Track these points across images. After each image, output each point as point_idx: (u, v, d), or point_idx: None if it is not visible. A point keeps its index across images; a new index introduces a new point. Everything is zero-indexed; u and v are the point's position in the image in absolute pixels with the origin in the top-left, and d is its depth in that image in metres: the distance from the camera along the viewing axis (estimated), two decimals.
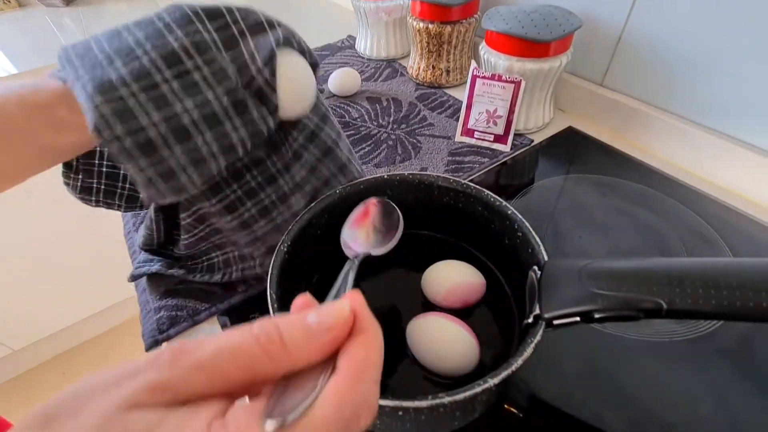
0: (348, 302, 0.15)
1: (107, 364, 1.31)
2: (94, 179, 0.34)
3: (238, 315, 0.39)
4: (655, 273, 0.22)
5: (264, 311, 0.39)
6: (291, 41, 0.29)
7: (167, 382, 0.12)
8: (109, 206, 0.36)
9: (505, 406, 0.32)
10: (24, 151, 0.25)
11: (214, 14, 0.26)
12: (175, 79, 0.24)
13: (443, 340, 0.31)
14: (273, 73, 0.27)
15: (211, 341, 0.13)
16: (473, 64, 0.53)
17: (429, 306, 0.36)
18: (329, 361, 0.14)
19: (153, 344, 0.37)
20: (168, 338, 0.37)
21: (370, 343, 0.14)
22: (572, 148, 0.56)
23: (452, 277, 0.35)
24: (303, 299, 0.16)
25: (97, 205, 0.36)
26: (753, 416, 0.30)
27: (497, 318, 0.35)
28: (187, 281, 0.41)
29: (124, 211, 0.39)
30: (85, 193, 0.34)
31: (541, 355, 0.34)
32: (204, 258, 0.39)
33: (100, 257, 1.11)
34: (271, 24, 0.28)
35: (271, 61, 0.27)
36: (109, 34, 0.25)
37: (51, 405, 0.12)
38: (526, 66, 0.50)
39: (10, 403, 1.22)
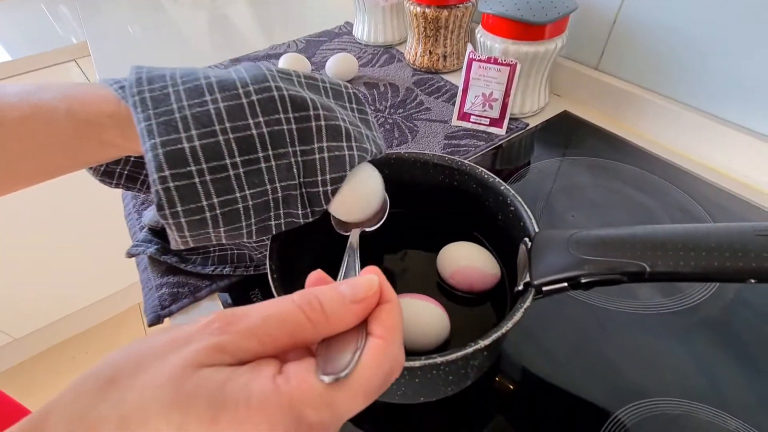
0: (376, 276, 0.17)
1: (109, 351, 1.33)
2: (119, 165, 0.33)
3: (238, 292, 0.40)
4: (638, 239, 0.23)
5: (264, 289, 0.40)
6: (366, 154, 0.28)
7: (225, 345, 0.14)
8: (129, 189, 0.36)
9: (497, 378, 0.34)
10: (62, 161, 0.24)
11: (299, 106, 0.25)
12: (244, 166, 0.24)
13: (410, 318, 0.30)
14: (335, 192, 0.27)
15: (257, 309, 0.15)
16: (469, 47, 0.53)
17: (441, 287, 0.37)
18: (361, 326, 0.16)
19: (155, 319, 0.38)
20: (170, 314, 0.38)
21: (395, 310, 0.16)
22: (567, 132, 0.57)
23: (462, 259, 0.35)
24: (318, 275, 0.18)
25: (116, 187, 0.36)
26: (734, 383, 0.31)
27: (491, 297, 0.36)
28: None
29: (144, 194, 0.39)
30: (107, 176, 0.33)
31: (532, 329, 0.35)
32: (201, 249, 0.40)
33: (101, 244, 1.12)
34: (349, 136, 0.27)
35: (337, 182, 0.27)
36: (189, 84, 0.24)
37: (109, 367, 0.13)
38: (522, 49, 0.51)
39: (11, 391, 1.23)
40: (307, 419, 0.13)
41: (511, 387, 0.33)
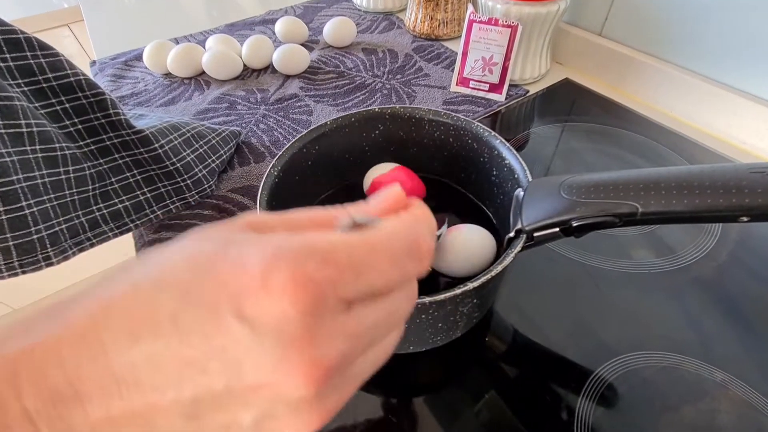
0: (397, 186, 0.16)
1: None
2: None
3: None
4: (631, 180, 0.23)
5: None
6: None
7: (254, 221, 0.13)
8: None
9: (487, 338, 0.34)
10: None
11: None
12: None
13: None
14: None
15: (291, 210, 0.14)
16: (470, 8, 0.52)
17: None
18: None
19: None
20: None
21: (423, 207, 0.15)
22: (569, 100, 0.56)
23: (461, 250, 0.32)
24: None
25: None
26: (723, 338, 0.31)
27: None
28: (180, 216, 0.42)
29: None
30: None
31: (524, 288, 0.35)
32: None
33: None
34: None
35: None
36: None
37: (146, 254, 0.13)
38: (524, 10, 0.49)
39: None
40: (328, 256, 0.11)
41: (501, 346, 0.33)
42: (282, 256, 0.11)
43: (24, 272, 0.33)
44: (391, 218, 0.14)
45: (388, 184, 0.36)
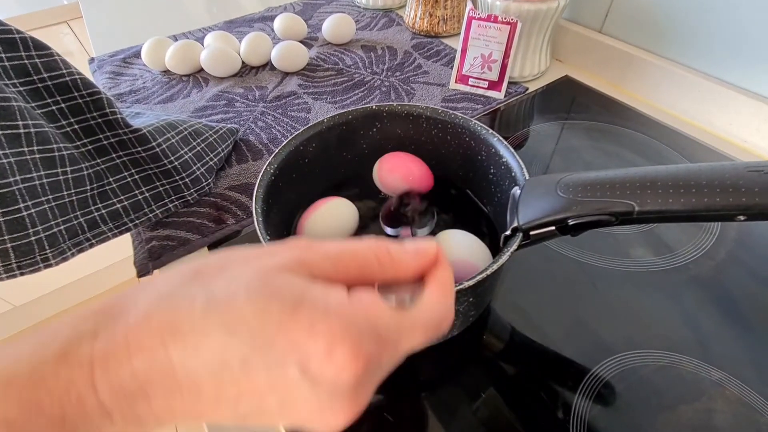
0: (433, 241, 0.18)
1: None
2: None
3: (228, 247, 0.40)
4: (628, 179, 0.23)
5: (254, 244, 0.40)
6: None
7: (307, 260, 0.15)
8: None
9: (484, 336, 0.34)
10: None
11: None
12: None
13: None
14: None
15: (334, 243, 0.16)
16: (469, 4, 0.51)
17: None
18: (418, 282, 0.18)
19: (144, 270, 0.38)
20: (161, 264, 0.38)
21: (450, 273, 0.18)
22: (568, 97, 0.55)
23: (454, 252, 0.31)
24: None
25: None
26: (720, 337, 0.31)
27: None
28: (178, 214, 0.42)
29: None
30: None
31: (522, 287, 0.35)
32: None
33: None
34: None
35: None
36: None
37: (190, 268, 0.14)
38: (523, 7, 0.49)
39: None
40: (381, 334, 0.14)
41: (499, 344, 0.33)
42: (347, 335, 0.13)
43: (22, 274, 0.33)
44: (429, 294, 0.16)
45: (399, 168, 0.36)
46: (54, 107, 0.34)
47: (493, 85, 0.54)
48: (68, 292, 1.31)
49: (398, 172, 0.37)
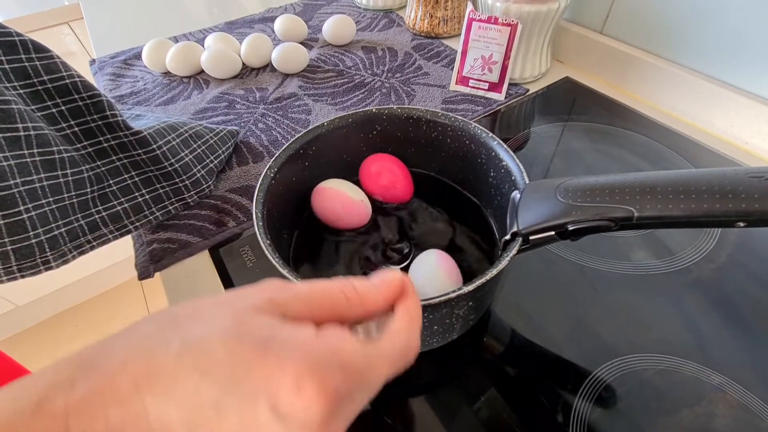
0: (398, 272, 0.19)
1: (110, 321, 1.35)
2: None
3: (229, 250, 0.40)
4: (628, 184, 0.23)
5: (254, 248, 0.40)
6: None
7: (278, 300, 0.15)
8: None
9: (484, 339, 0.34)
10: None
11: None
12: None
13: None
14: None
15: (304, 283, 0.17)
16: (469, 6, 0.51)
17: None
18: (388, 314, 0.18)
19: (145, 273, 0.38)
20: (162, 267, 0.38)
21: (416, 302, 0.18)
22: (568, 98, 0.55)
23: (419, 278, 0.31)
24: None
25: None
26: (720, 341, 0.31)
27: (487, 258, 0.35)
28: (179, 216, 0.42)
29: None
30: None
31: (522, 290, 0.35)
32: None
33: None
34: None
35: None
36: None
37: (164, 314, 0.15)
38: (524, 8, 0.49)
39: (14, 356, 1.26)
40: (348, 367, 0.14)
41: (499, 347, 0.33)
42: (314, 366, 0.13)
43: (23, 276, 0.33)
44: (394, 323, 0.17)
45: (381, 169, 0.37)
46: (54, 110, 0.34)
47: (494, 87, 0.54)
48: (70, 292, 1.32)
49: (383, 179, 0.37)
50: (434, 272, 0.30)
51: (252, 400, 0.13)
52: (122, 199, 0.38)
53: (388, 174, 0.38)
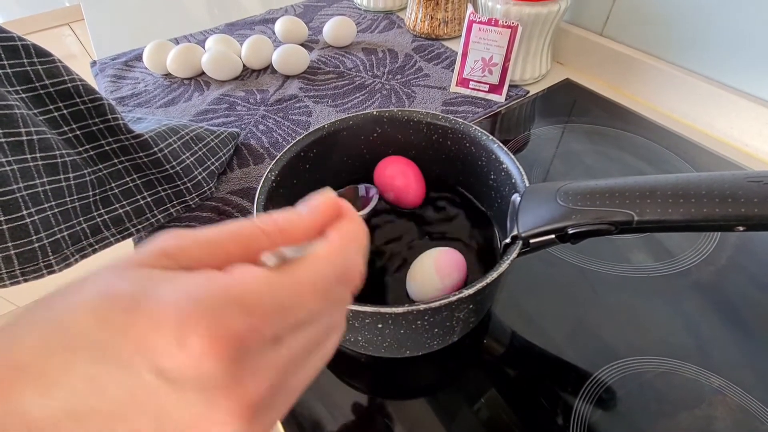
0: (331, 193, 0.15)
1: None
2: None
3: None
4: (628, 188, 0.23)
5: None
6: None
7: (170, 250, 0.12)
8: None
9: (485, 340, 0.34)
10: None
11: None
12: None
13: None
14: None
15: (211, 228, 0.14)
16: (470, 8, 0.51)
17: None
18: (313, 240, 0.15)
19: None
20: None
21: (354, 219, 0.15)
22: (569, 100, 0.55)
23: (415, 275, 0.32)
24: None
25: None
26: (720, 344, 0.31)
27: (487, 262, 0.36)
28: (179, 219, 0.42)
29: None
30: None
31: (523, 292, 0.35)
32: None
33: None
34: None
35: None
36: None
37: (54, 290, 0.12)
38: (524, 10, 0.49)
39: None
40: (251, 304, 0.11)
41: (499, 348, 0.33)
42: (198, 311, 0.11)
43: (26, 280, 0.33)
44: (320, 244, 0.14)
45: (392, 170, 0.37)
46: (56, 113, 0.34)
47: (494, 89, 0.54)
48: None
49: (396, 182, 0.38)
50: (430, 272, 0.31)
51: (130, 368, 0.10)
52: (124, 202, 0.38)
53: (402, 177, 0.38)
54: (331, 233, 0.14)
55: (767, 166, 0.45)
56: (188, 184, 0.41)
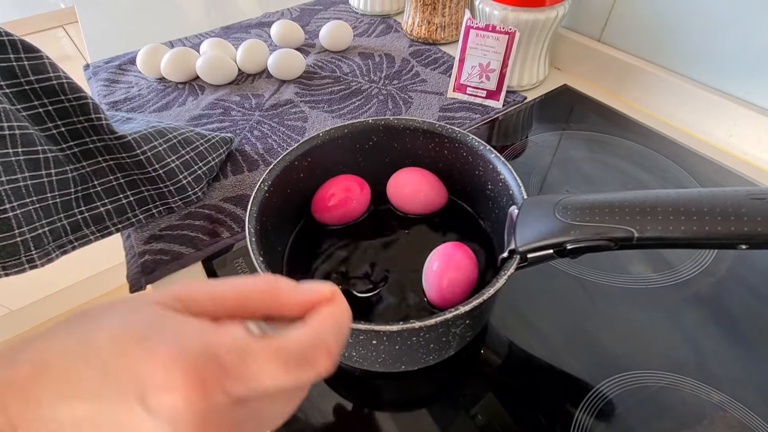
0: (330, 284, 0.17)
1: None
2: None
3: (222, 261, 0.39)
4: (628, 203, 0.22)
5: (248, 259, 0.39)
6: None
7: (182, 295, 0.15)
8: None
9: (482, 351, 0.33)
10: None
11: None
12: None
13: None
14: None
15: (222, 280, 0.16)
16: (467, 14, 0.51)
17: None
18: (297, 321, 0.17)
19: (137, 285, 0.37)
20: (154, 279, 0.38)
21: (340, 308, 0.16)
22: (567, 107, 0.55)
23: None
24: None
25: None
26: (720, 357, 0.31)
27: (485, 271, 0.35)
28: (171, 227, 0.41)
29: None
30: None
31: (521, 303, 0.35)
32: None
33: None
34: None
35: None
36: None
37: (87, 310, 0.15)
38: (521, 16, 0.49)
39: None
40: (221, 358, 0.13)
41: (497, 360, 0.33)
42: (183, 357, 0.12)
43: (7, 274, 0.33)
44: (299, 326, 0.15)
45: (410, 186, 0.37)
46: (41, 110, 0.34)
47: (492, 95, 0.54)
48: (64, 297, 1.30)
49: (413, 190, 0.38)
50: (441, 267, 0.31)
51: (124, 393, 0.12)
52: (106, 201, 0.38)
53: (423, 183, 0.38)
54: (312, 315, 0.16)
55: (766, 174, 0.44)
56: (171, 188, 0.40)
